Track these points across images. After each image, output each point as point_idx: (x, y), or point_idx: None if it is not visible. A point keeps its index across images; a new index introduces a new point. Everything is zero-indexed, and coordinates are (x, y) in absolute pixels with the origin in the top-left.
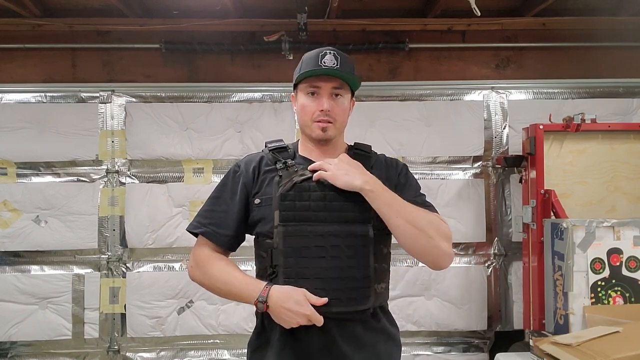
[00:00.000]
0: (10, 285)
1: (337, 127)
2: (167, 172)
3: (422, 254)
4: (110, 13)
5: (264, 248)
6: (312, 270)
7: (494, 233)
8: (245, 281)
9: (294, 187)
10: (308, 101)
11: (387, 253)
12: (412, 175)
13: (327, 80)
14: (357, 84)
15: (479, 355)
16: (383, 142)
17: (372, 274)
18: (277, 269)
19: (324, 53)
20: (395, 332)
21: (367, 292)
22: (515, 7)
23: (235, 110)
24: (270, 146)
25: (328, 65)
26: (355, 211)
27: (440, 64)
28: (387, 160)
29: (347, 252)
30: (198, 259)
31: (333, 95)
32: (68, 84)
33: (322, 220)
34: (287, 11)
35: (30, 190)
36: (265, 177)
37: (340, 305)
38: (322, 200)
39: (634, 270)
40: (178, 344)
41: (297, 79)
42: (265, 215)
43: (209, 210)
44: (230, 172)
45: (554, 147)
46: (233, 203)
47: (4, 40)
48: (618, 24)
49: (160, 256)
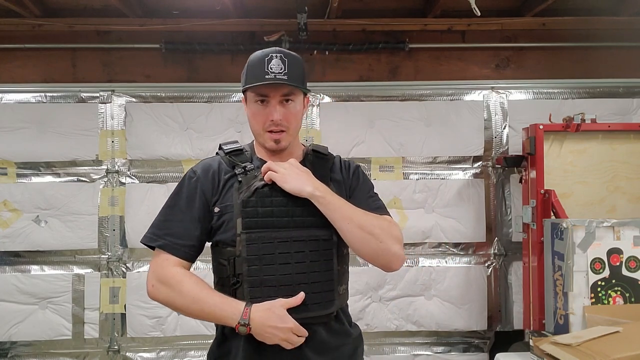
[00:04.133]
0: (10, 285)
1: (291, 133)
2: (167, 172)
3: (373, 257)
4: (110, 13)
5: (224, 256)
6: (277, 277)
7: (494, 233)
8: (221, 301)
9: (255, 193)
10: (258, 109)
11: (347, 254)
12: (365, 175)
13: (275, 88)
14: (306, 90)
15: (479, 355)
16: (383, 142)
17: (336, 277)
18: (241, 278)
19: (270, 57)
20: (356, 330)
21: (331, 296)
22: (515, 7)
23: (235, 110)
24: (226, 149)
25: (275, 71)
26: (318, 216)
27: (440, 64)
28: (342, 162)
29: (312, 257)
30: (161, 277)
31: (283, 102)
32: (68, 84)
33: (285, 225)
34: (287, 11)
35: (30, 190)
36: (225, 183)
37: (306, 311)
38: (284, 205)
39: (634, 270)
40: (178, 344)
41: (244, 89)
42: (226, 222)
43: (164, 221)
44: (185, 179)
45: (554, 147)
46: (191, 211)
47: (4, 40)
48: (618, 24)
49: None
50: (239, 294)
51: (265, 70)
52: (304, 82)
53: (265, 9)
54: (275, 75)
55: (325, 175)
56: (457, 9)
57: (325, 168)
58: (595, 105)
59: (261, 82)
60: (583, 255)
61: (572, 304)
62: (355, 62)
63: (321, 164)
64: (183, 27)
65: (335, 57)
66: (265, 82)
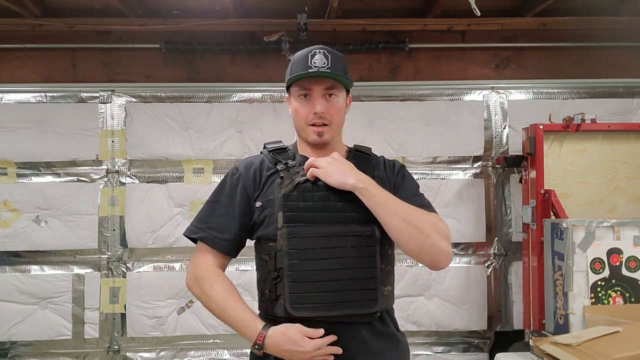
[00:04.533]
0: (10, 285)
1: (334, 128)
2: (167, 172)
3: (420, 253)
4: (110, 13)
5: (266, 251)
6: (317, 272)
7: (494, 233)
8: (242, 316)
9: (296, 188)
10: (301, 104)
11: (392, 254)
12: (410, 174)
13: (318, 81)
14: (349, 83)
15: (479, 355)
16: (383, 142)
17: (379, 276)
18: (282, 272)
19: (313, 53)
20: (403, 338)
21: (374, 295)
22: (515, 7)
23: (235, 110)
24: (269, 147)
25: (318, 66)
26: (360, 211)
27: (440, 64)
28: (386, 162)
29: (353, 252)
30: (197, 273)
31: (326, 96)
32: (68, 84)
33: (326, 220)
34: (287, 11)
35: (30, 190)
36: (267, 179)
37: (347, 308)
38: (326, 200)
39: (634, 270)
40: (178, 344)
41: (288, 82)
42: (268, 217)
43: (207, 215)
44: (228, 175)
45: (554, 147)
46: (232, 206)
47: (4, 40)
48: (618, 24)
49: (161, 256)
50: (280, 289)
51: (309, 65)
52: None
53: (265, 9)
54: (319, 68)
55: (368, 172)
56: (457, 9)
57: (368, 166)
58: (595, 105)
59: (304, 73)
60: (583, 255)
61: (572, 304)
62: (355, 62)
63: (364, 161)
64: (183, 27)
65: None
66: (308, 73)
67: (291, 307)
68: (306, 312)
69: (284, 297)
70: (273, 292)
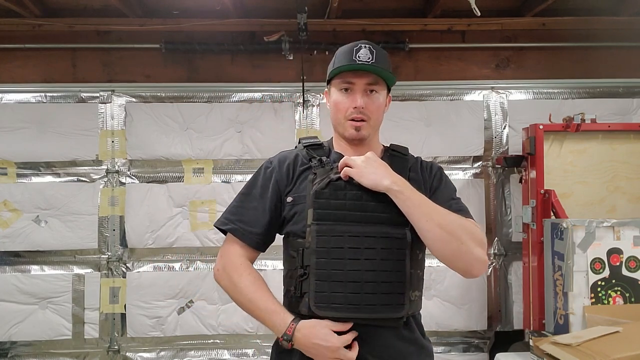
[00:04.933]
0: (10, 285)
1: (372, 125)
2: (167, 172)
3: (454, 260)
4: (110, 13)
5: (294, 247)
6: (345, 272)
7: (494, 233)
8: (272, 308)
9: (329, 185)
10: (341, 98)
11: (422, 259)
12: (447, 177)
13: (361, 75)
14: (392, 79)
15: (479, 355)
16: (383, 142)
17: (408, 280)
18: (308, 270)
19: (358, 47)
20: (429, 345)
21: (401, 299)
22: (515, 7)
23: (235, 110)
24: (305, 142)
25: (363, 60)
26: (393, 212)
27: (440, 64)
28: (422, 163)
29: (383, 255)
30: (226, 263)
31: (368, 91)
32: (68, 84)
33: (357, 220)
34: (287, 11)
35: (30, 190)
36: (300, 174)
37: (372, 312)
38: (358, 199)
39: (634, 270)
40: (178, 344)
41: (331, 75)
42: (298, 214)
43: (238, 207)
44: (262, 169)
45: (554, 147)
46: (264, 200)
47: (4, 40)
48: (618, 24)
49: (160, 256)
50: (305, 286)
51: (353, 58)
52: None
53: (265, 9)
54: (363, 63)
55: (404, 173)
56: (457, 9)
57: (404, 167)
58: (595, 105)
59: (347, 65)
60: (583, 255)
61: (572, 304)
62: None
63: (400, 162)
64: (183, 27)
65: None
66: (351, 65)
67: (315, 306)
68: (330, 312)
69: (308, 295)
70: (298, 289)
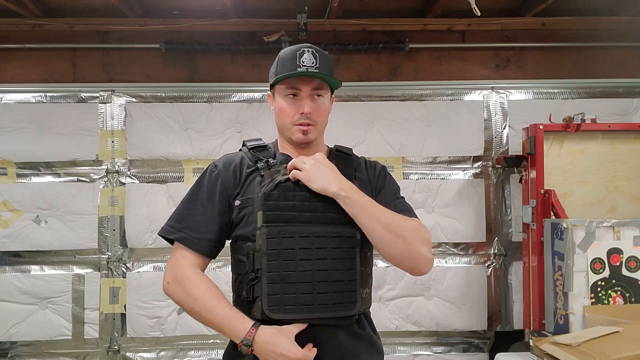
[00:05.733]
0: (10, 285)
1: (318, 128)
2: (167, 172)
3: (401, 260)
4: (110, 13)
5: (243, 252)
6: (297, 273)
7: (494, 233)
8: (231, 315)
9: (277, 187)
10: (287, 103)
11: (371, 257)
12: (391, 177)
13: (306, 81)
14: (337, 84)
15: (479, 355)
16: (383, 142)
17: (359, 278)
18: (260, 273)
19: (302, 51)
20: (378, 341)
21: (353, 297)
22: (515, 7)
23: (235, 110)
24: (249, 144)
25: (307, 65)
26: (342, 212)
27: (440, 64)
28: (367, 163)
29: (334, 254)
30: (178, 275)
31: (313, 96)
32: (68, 84)
33: (307, 221)
34: (287, 11)
35: (30, 190)
36: (246, 177)
37: (326, 311)
38: (307, 200)
39: (634, 270)
40: (178, 344)
41: (275, 80)
42: (247, 216)
43: (183, 214)
44: (207, 173)
45: (554, 147)
46: (212, 205)
47: (4, 40)
48: (618, 24)
49: (160, 256)
50: (257, 290)
51: (297, 64)
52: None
53: (265, 9)
54: (307, 68)
55: (350, 174)
56: (457, 9)
57: (349, 167)
58: (595, 105)
59: (294, 72)
60: (583, 255)
61: (572, 304)
62: (355, 62)
63: (345, 162)
64: (183, 27)
65: (335, 57)
66: (299, 72)
67: (269, 309)
68: (284, 315)
69: (261, 298)
70: (250, 294)
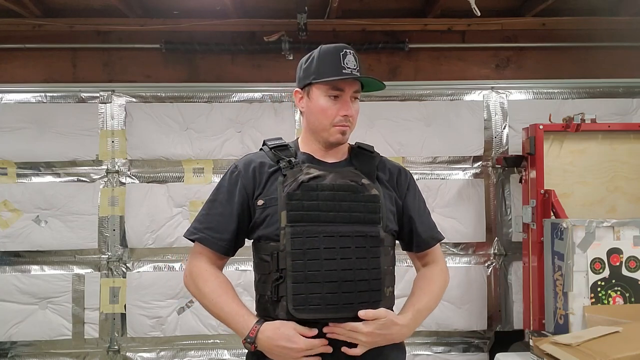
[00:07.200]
0: (10, 285)
1: (352, 129)
2: (167, 172)
3: None
4: (110, 13)
5: (267, 252)
6: (322, 273)
7: (494, 233)
8: (235, 311)
9: (300, 187)
10: (330, 104)
11: (394, 255)
12: (416, 185)
13: (350, 83)
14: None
15: (479, 355)
16: (383, 142)
17: (383, 277)
18: (284, 273)
19: (344, 53)
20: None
21: (378, 296)
22: (515, 7)
23: (235, 110)
24: (270, 144)
25: (351, 67)
26: (365, 211)
27: (440, 64)
28: (389, 164)
29: (358, 253)
30: (192, 270)
31: (353, 98)
32: (68, 84)
33: (331, 220)
34: (287, 11)
35: (30, 190)
36: (268, 176)
37: (352, 310)
38: (331, 200)
39: (634, 270)
40: (178, 344)
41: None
42: (270, 217)
43: (205, 215)
44: (227, 174)
45: (554, 147)
46: (230, 205)
47: (4, 40)
48: (618, 24)
49: (160, 256)
50: (282, 290)
51: (342, 65)
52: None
53: (265, 9)
54: (352, 71)
55: (372, 172)
56: (457, 9)
57: (371, 164)
58: (595, 105)
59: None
60: (583, 255)
61: (572, 304)
62: None
63: (367, 159)
64: (183, 27)
65: None
66: (355, 76)
67: (294, 309)
68: (310, 314)
69: (286, 298)
70: (275, 294)
